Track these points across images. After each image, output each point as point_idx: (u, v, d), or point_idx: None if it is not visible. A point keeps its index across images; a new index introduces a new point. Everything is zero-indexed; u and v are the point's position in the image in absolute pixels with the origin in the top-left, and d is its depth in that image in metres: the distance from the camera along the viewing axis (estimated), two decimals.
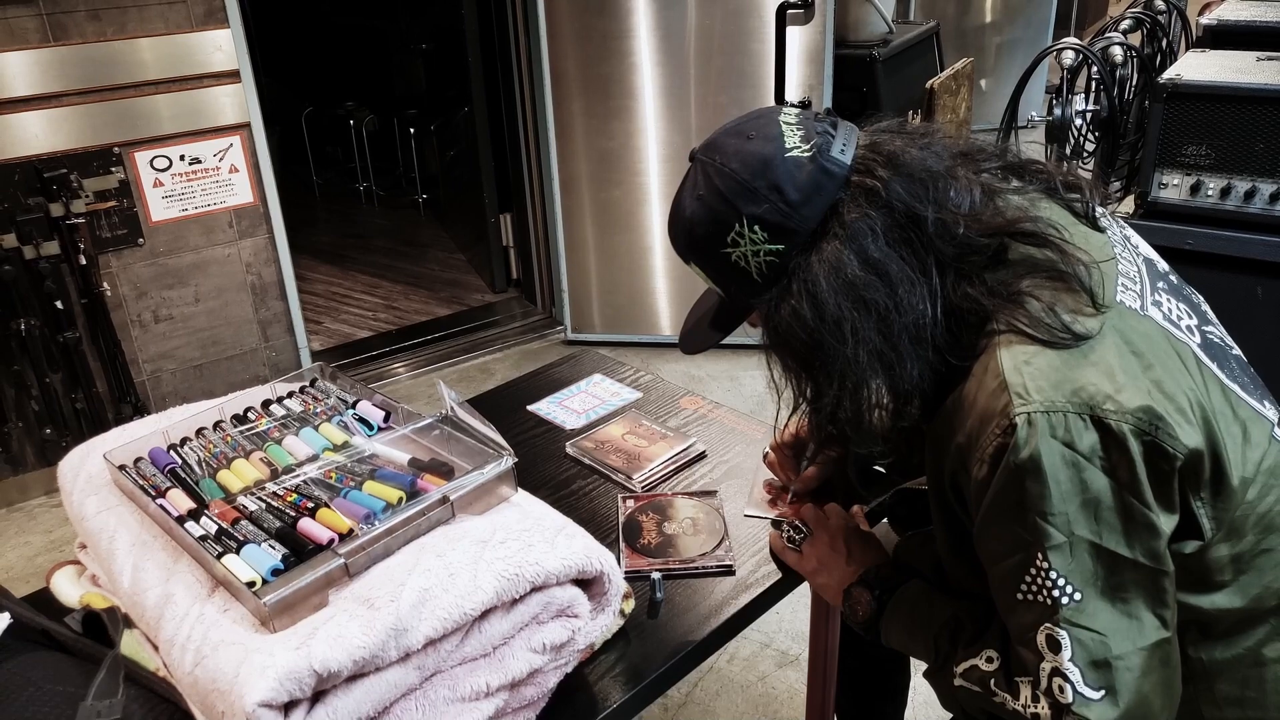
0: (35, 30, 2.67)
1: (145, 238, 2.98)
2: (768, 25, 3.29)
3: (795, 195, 0.99)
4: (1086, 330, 0.96)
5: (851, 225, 0.98)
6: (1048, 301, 0.97)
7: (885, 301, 0.97)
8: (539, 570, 0.99)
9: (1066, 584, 0.93)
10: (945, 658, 1.10)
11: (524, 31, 3.61)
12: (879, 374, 0.99)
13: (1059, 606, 0.93)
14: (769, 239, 1.01)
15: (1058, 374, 0.93)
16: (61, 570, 1.24)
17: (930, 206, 0.99)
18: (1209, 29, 2.62)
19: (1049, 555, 0.93)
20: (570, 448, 1.61)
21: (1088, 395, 0.92)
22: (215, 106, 2.97)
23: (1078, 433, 0.91)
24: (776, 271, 1.02)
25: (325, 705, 0.90)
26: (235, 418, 1.31)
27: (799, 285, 1.00)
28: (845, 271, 0.98)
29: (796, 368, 1.06)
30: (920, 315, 0.98)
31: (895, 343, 0.98)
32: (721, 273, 1.07)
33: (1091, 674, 0.94)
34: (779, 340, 1.04)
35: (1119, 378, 0.94)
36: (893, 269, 0.98)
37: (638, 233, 3.73)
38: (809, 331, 1.00)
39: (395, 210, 5.69)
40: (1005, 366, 0.95)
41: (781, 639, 2.31)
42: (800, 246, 1.01)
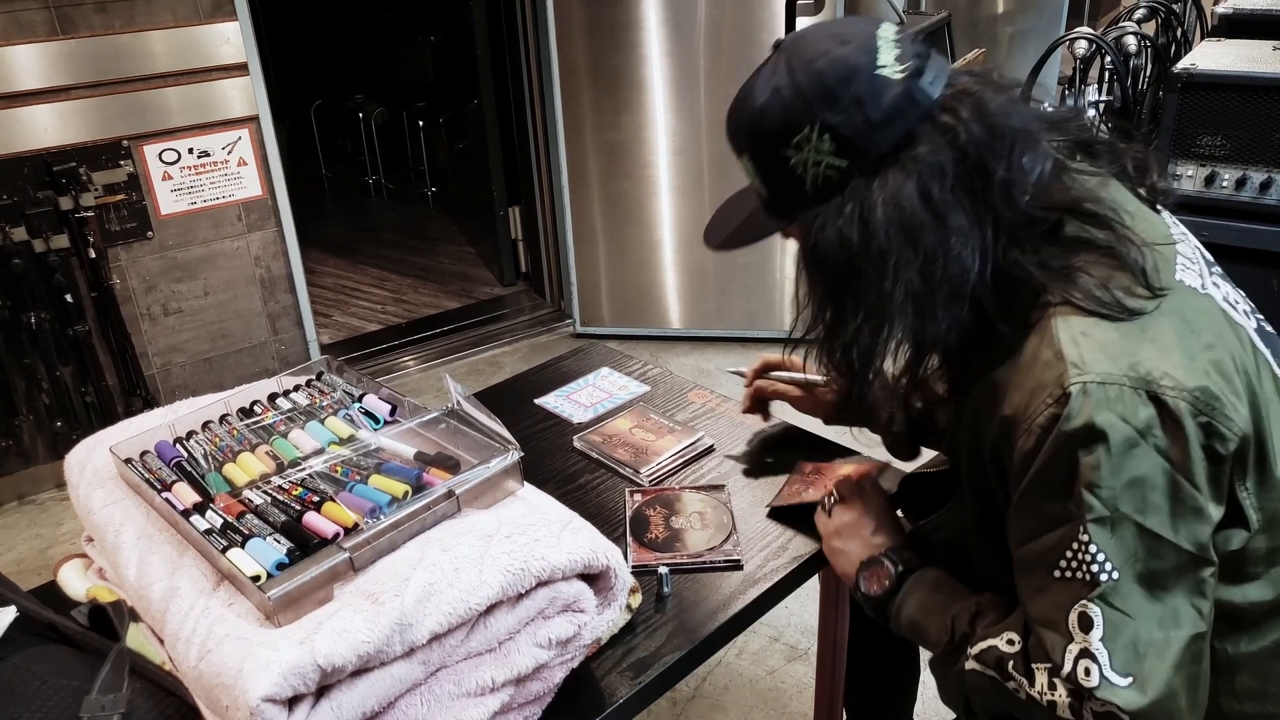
0: (43, 23, 2.67)
1: (154, 231, 2.98)
2: (777, 16, 3.27)
3: (876, 114, 0.95)
4: (1140, 306, 0.94)
5: (922, 160, 0.95)
6: (1101, 278, 0.95)
7: (936, 246, 0.95)
8: (545, 565, 0.98)
9: (1106, 560, 0.90)
10: (962, 639, 1.07)
11: (533, 24, 3.59)
12: (908, 317, 0.97)
13: (1097, 583, 0.91)
14: (835, 152, 0.96)
15: (1116, 347, 0.91)
16: (69, 563, 1.24)
17: (1002, 164, 0.96)
18: (1225, 18, 2.59)
19: (1090, 529, 0.90)
20: (578, 441, 1.60)
21: (1145, 370, 0.90)
22: (224, 99, 2.96)
23: (1133, 407, 0.89)
24: (831, 188, 0.98)
25: (330, 700, 0.90)
26: (241, 411, 1.31)
27: (853, 208, 0.96)
28: (904, 205, 0.94)
29: (824, 289, 1.02)
30: (966, 270, 0.95)
31: (934, 290, 0.96)
32: (774, 174, 1.02)
33: (1120, 657, 0.91)
34: (816, 258, 1.00)
35: (1177, 356, 0.92)
36: (952, 216, 0.95)
37: (647, 226, 3.72)
38: (851, 256, 0.97)
39: (404, 203, 5.69)
40: (1062, 338, 0.93)
41: (791, 633, 2.30)
42: (864, 168, 0.97)
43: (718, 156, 3.56)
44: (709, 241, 1.17)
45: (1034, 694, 0.97)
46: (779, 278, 3.70)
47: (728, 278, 3.74)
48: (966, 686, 1.07)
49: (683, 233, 3.71)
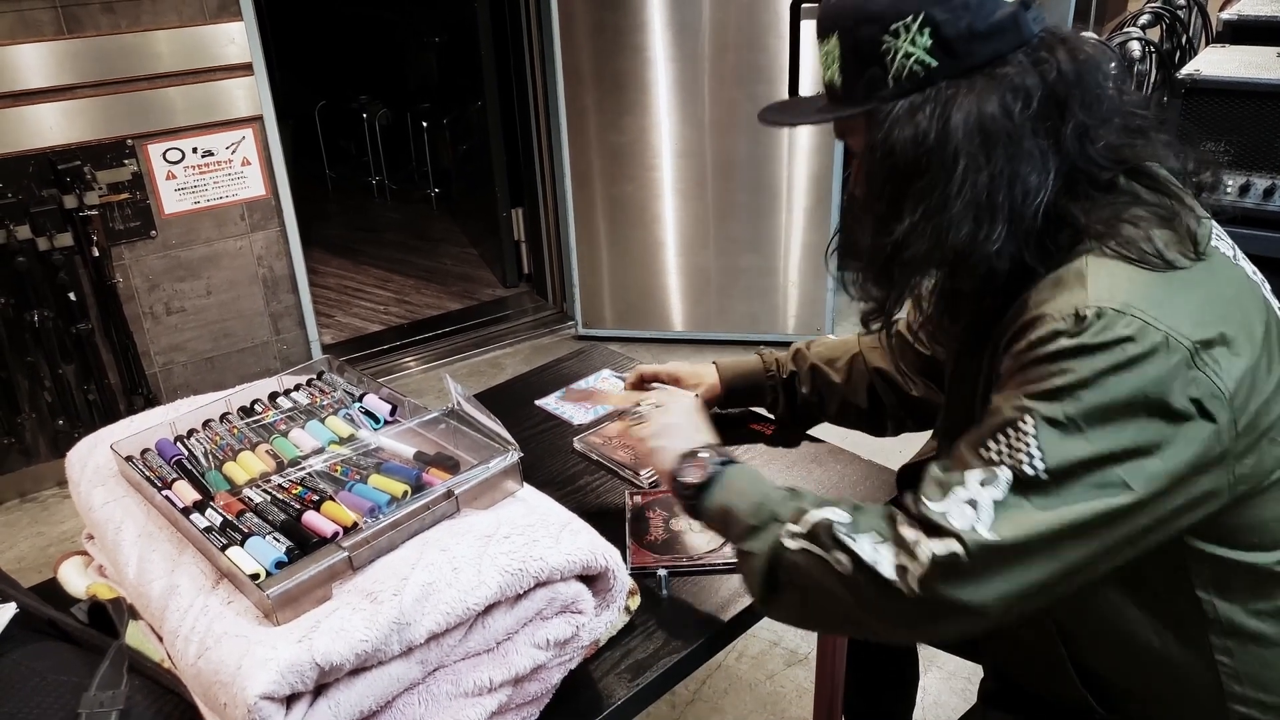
0: (50, 23, 2.67)
1: (157, 230, 2.99)
2: (782, 19, 3.27)
3: (981, 25, 0.96)
4: (1176, 259, 0.95)
5: (1009, 80, 0.96)
6: (1145, 231, 0.96)
7: (1006, 163, 0.96)
8: (543, 565, 0.98)
9: (1041, 458, 0.90)
10: (770, 517, 1.06)
11: (537, 25, 3.60)
12: (965, 225, 0.97)
13: (1019, 466, 0.91)
14: (931, 49, 0.97)
15: (1139, 289, 0.92)
16: (69, 561, 1.24)
17: (1082, 109, 0.98)
18: (1229, 24, 2.59)
19: (1040, 425, 0.90)
20: (578, 443, 1.60)
21: (1157, 313, 0.90)
22: (228, 99, 2.97)
23: (1131, 338, 0.89)
24: (914, 84, 0.98)
25: (328, 699, 0.90)
26: (242, 410, 1.31)
27: (934, 108, 0.97)
28: (985, 115, 0.95)
29: (885, 184, 1.02)
30: (1031, 195, 0.97)
31: (995, 205, 0.96)
32: (860, 57, 1.01)
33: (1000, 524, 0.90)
34: (885, 150, 1.00)
35: (1193, 308, 0.92)
36: (1026, 141, 0.96)
37: (650, 228, 3.72)
38: (923, 152, 0.97)
39: (407, 204, 5.70)
40: (1089, 272, 0.95)
41: (791, 637, 2.30)
42: (950, 73, 0.98)
43: (721, 159, 3.56)
44: (762, 117, 1.18)
45: (860, 553, 0.95)
46: (781, 281, 3.71)
47: (730, 280, 3.74)
48: (777, 568, 1.04)
49: (686, 235, 3.71)
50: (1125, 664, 1.07)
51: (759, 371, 1.56)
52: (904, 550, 0.94)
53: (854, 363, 1.49)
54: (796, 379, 1.53)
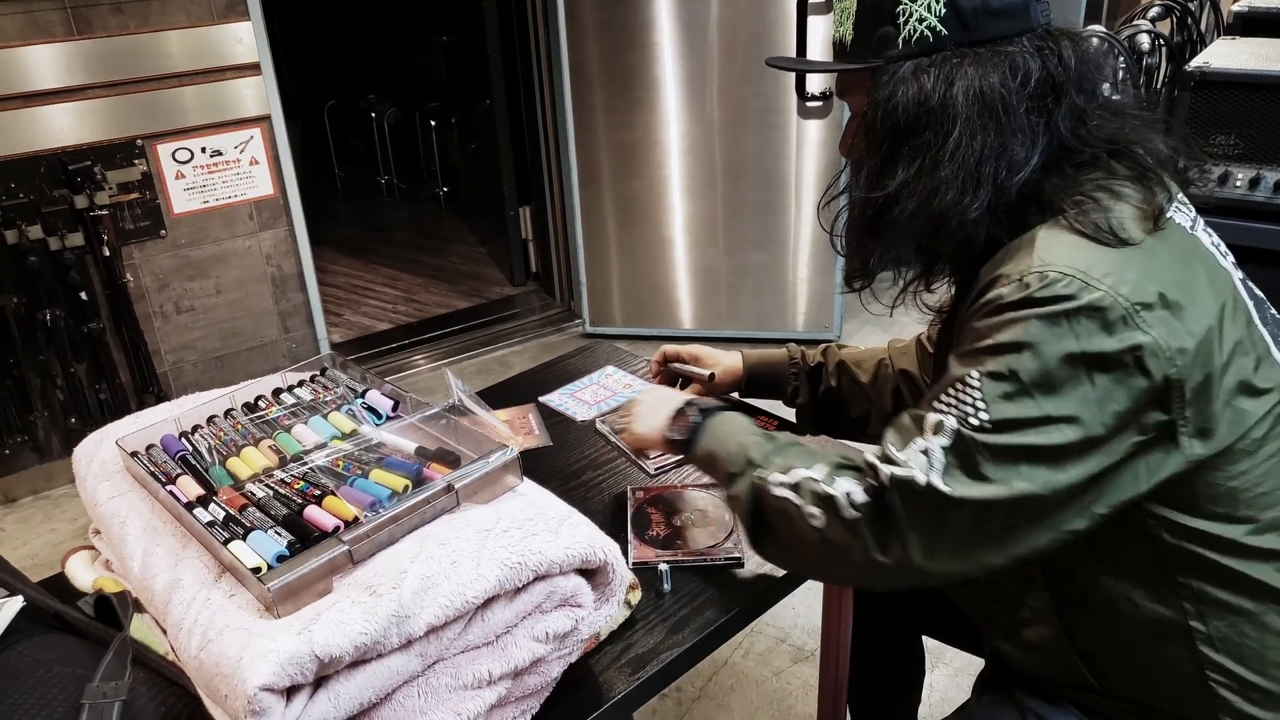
0: (60, 24, 2.69)
1: (167, 229, 3.01)
2: (789, 16, 3.27)
3: (996, 4, 1.01)
4: (1130, 236, 0.97)
5: (1012, 58, 1.01)
6: (1105, 206, 1.00)
7: (998, 136, 1.00)
8: (542, 559, 0.99)
9: (985, 410, 0.95)
10: (748, 464, 1.14)
11: (544, 24, 3.61)
12: (952, 189, 1.01)
13: (965, 416, 0.95)
14: (944, 18, 1.02)
15: (1083, 255, 0.96)
16: (76, 555, 1.26)
17: (1078, 93, 1.02)
18: (1239, 16, 2.57)
19: (984, 378, 0.95)
20: (601, 424, 1.64)
21: (1099, 274, 0.94)
22: (236, 99, 2.99)
23: (1070, 297, 0.93)
24: (922, 48, 1.03)
25: (328, 690, 0.90)
26: (246, 406, 1.32)
27: (940, 72, 1.01)
28: (986, 87, 1.00)
29: (882, 140, 1.06)
30: (1017, 169, 1.01)
31: (982, 174, 1.00)
32: (875, 14, 1.06)
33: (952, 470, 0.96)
34: (887, 107, 1.04)
35: (1135, 273, 0.95)
36: (1019, 117, 1.01)
37: (658, 226, 3.72)
38: (924, 114, 1.01)
39: (416, 203, 5.72)
40: (1039, 242, 0.98)
41: (797, 634, 2.30)
42: (958, 43, 1.02)
43: (729, 157, 3.56)
44: (770, 61, 1.23)
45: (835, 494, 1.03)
46: (790, 278, 3.70)
47: (738, 278, 3.74)
48: (762, 511, 1.12)
49: (694, 233, 3.71)
50: (1116, 641, 1.08)
51: (783, 361, 1.58)
52: (868, 474, 1.02)
53: (880, 366, 1.50)
54: (823, 371, 1.54)
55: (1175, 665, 1.04)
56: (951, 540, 0.98)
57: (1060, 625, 1.11)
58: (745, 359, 1.60)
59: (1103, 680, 1.11)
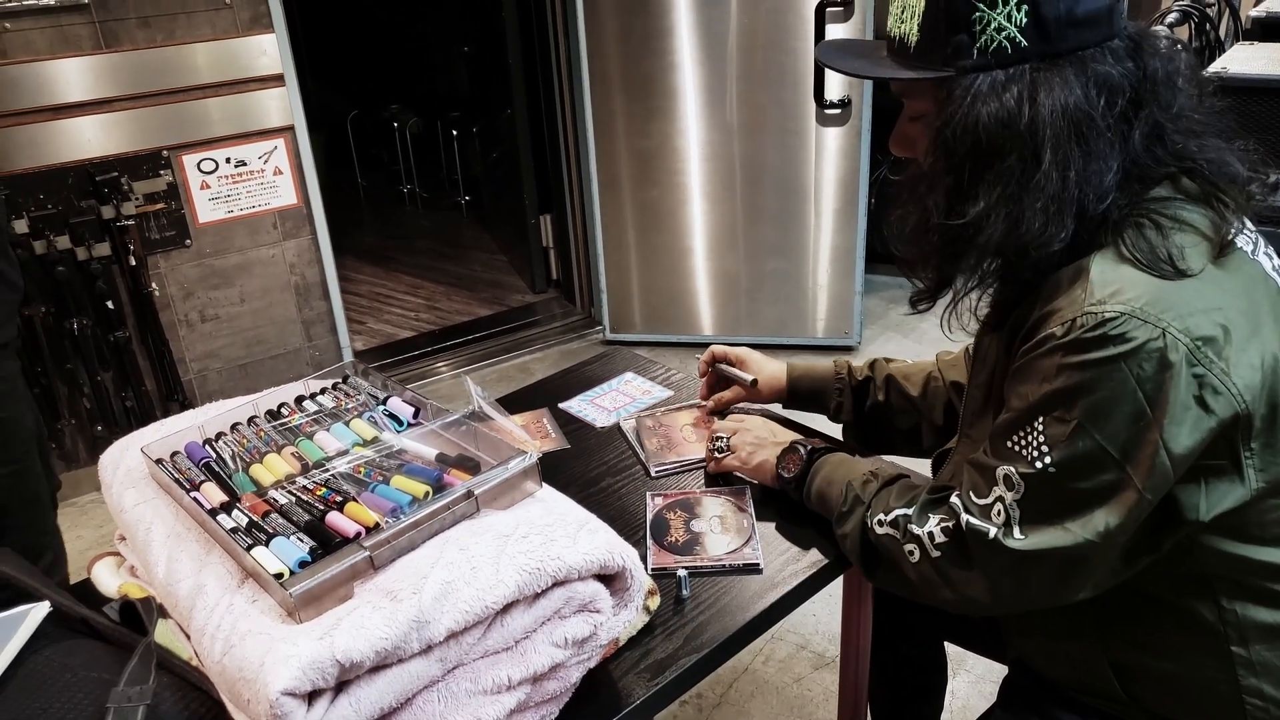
0: (89, 37, 2.74)
1: (192, 239, 3.04)
2: (807, 23, 3.27)
3: (1079, 11, 0.94)
4: (1188, 267, 0.94)
5: (1098, 73, 0.96)
6: (1164, 231, 0.96)
7: (1085, 160, 0.95)
8: (561, 565, 0.99)
9: (1050, 453, 0.95)
10: (852, 505, 1.20)
11: (564, 33, 3.63)
12: (1039, 218, 0.95)
13: (1033, 466, 0.96)
14: (1025, 28, 0.95)
15: (1139, 287, 0.93)
16: (102, 561, 1.27)
17: (1159, 109, 0.98)
18: (1258, 21, 2.56)
19: (1048, 422, 0.95)
20: (626, 422, 1.67)
21: (1158, 310, 0.91)
22: (260, 110, 3.02)
23: (1130, 335, 0.90)
24: (1001, 59, 0.96)
25: (349, 695, 0.91)
26: (269, 413, 1.34)
27: (1022, 89, 0.95)
28: (1073, 107, 0.94)
29: (966, 160, 0.99)
30: (1104, 195, 0.96)
31: (1070, 201, 0.95)
32: (949, 20, 0.98)
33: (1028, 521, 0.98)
34: (965, 126, 0.97)
35: (1196, 306, 0.92)
36: (1103, 139, 0.96)
37: (677, 233, 3.73)
38: (1011, 135, 0.95)
39: (438, 212, 5.76)
40: (1093, 271, 0.95)
41: (818, 641, 2.30)
42: (1039, 55, 0.96)
43: (748, 163, 3.56)
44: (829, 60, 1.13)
45: (922, 535, 1.08)
46: (810, 284, 3.70)
47: (757, 284, 3.74)
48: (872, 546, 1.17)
49: (713, 239, 3.72)
50: (1152, 657, 1.07)
51: (828, 375, 1.54)
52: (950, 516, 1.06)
53: (929, 379, 1.47)
54: (871, 385, 1.51)
55: (1211, 686, 1.03)
56: (1026, 585, 1.01)
57: (1097, 637, 1.10)
58: (790, 371, 1.57)
59: (1132, 693, 1.10)
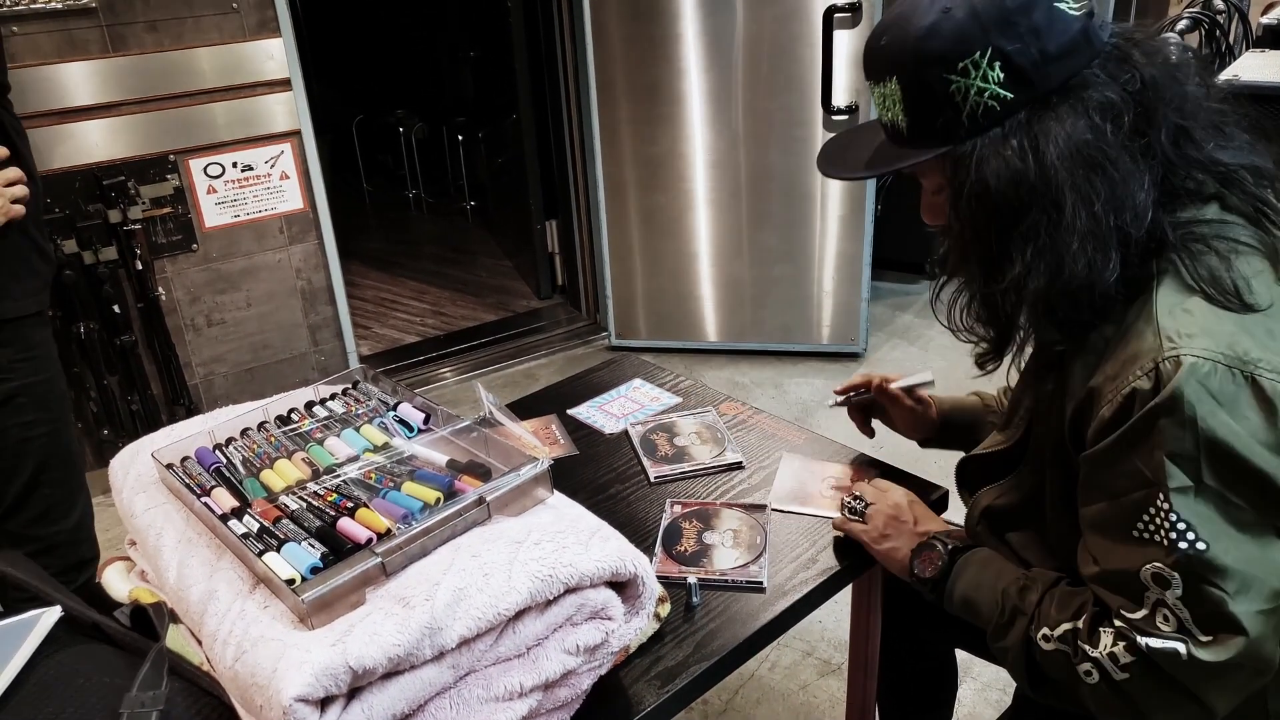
0: (96, 41, 2.74)
1: (199, 243, 3.05)
2: (815, 29, 3.27)
3: (1052, 47, 0.92)
4: (1255, 301, 0.92)
5: (1093, 100, 0.93)
6: (1226, 259, 0.93)
7: (1110, 188, 0.92)
8: (573, 571, 0.99)
9: (1189, 530, 0.89)
10: (1012, 617, 1.08)
11: (571, 39, 3.63)
12: (1082, 258, 0.92)
13: (1176, 549, 0.90)
14: (1004, 82, 0.93)
15: (1215, 325, 0.90)
16: (112, 566, 1.27)
17: (1173, 111, 0.94)
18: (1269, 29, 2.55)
19: (1173, 497, 0.89)
20: (634, 428, 1.66)
21: (1242, 351, 0.89)
22: (267, 114, 3.03)
23: (1224, 382, 0.88)
24: (991, 119, 0.94)
25: (361, 702, 0.91)
26: (279, 418, 1.33)
27: (1021, 141, 0.93)
28: (1079, 142, 0.91)
29: (984, 228, 0.97)
30: (1141, 214, 0.92)
31: (1108, 233, 0.92)
32: (928, 100, 0.97)
33: (1202, 618, 0.91)
34: (978, 192, 0.95)
35: (1277, 342, 0.90)
36: (1124, 159, 0.92)
37: (683, 239, 3.73)
38: (1024, 192, 0.93)
39: (444, 217, 5.76)
40: (1160, 309, 0.92)
41: (824, 648, 2.29)
42: (1028, 102, 0.93)
43: (755, 169, 3.56)
44: (827, 168, 1.12)
45: (1100, 657, 0.97)
46: (815, 290, 3.70)
47: (763, 291, 3.73)
48: (1046, 664, 1.06)
49: (719, 246, 3.72)
50: None
51: (978, 407, 1.46)
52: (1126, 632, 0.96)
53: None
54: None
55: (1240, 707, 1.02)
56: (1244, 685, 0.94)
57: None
58: (938, 404, 1.47)
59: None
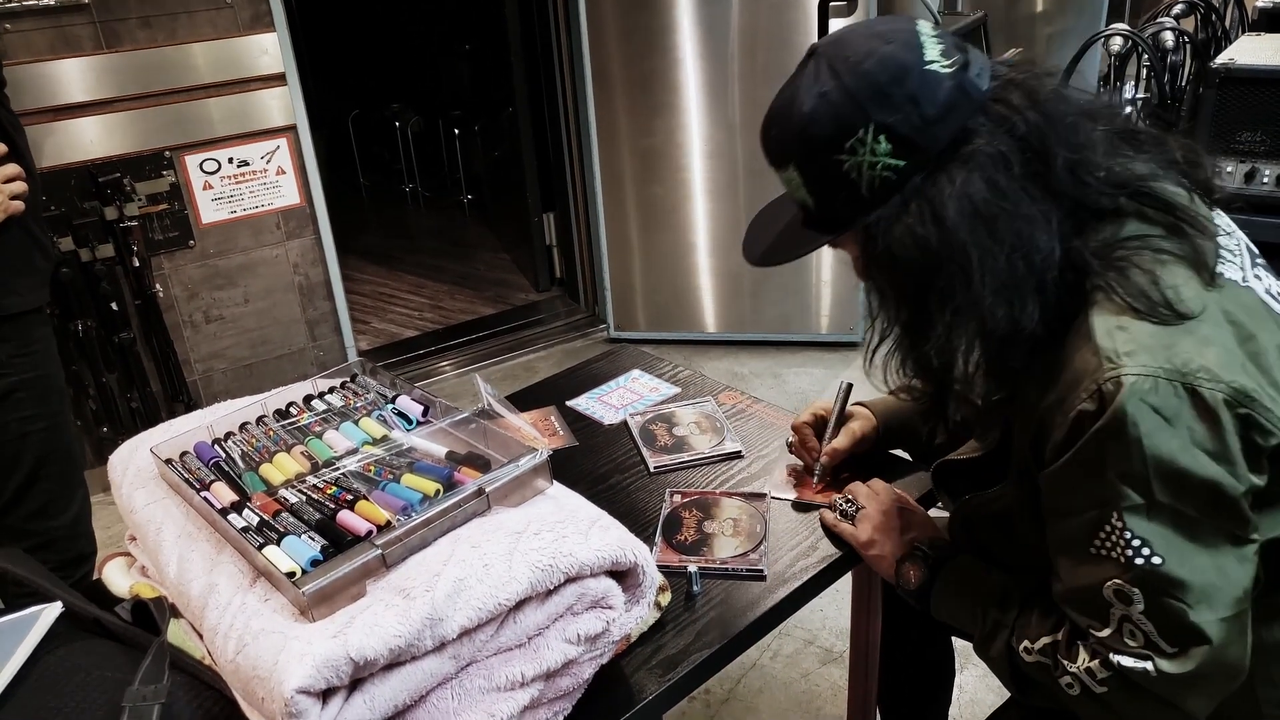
0: (89, 38, 2.74)
1: (195, 239, 3.04)
2: (810, 19, 3.27)
3: (931, 110, 0.94)
4: (1188, 310, 0.93)
5: (983, 152, 0.94)
6: (1152, 273, 0.94)
7: (1016, 235, 0.94)
8: (573, 561, 0.99)
9: (1144, 545, 0.91)
10: (993, 629, 1.10)
11: (566, 31, 3.62)
12: (1000, 308, 0.95)
13: (1132, 566, 0.92)
14: (892, 153, 0.95)
15: (1151, 339, 0.91)
16: (113, 561, 1.27)
17: (1063, 146, 0.95)
18: (1265, 12, 2.55)
19: (1125, 516, 0.91)
20: (633, 419, 1.65)
21: (1181, 362, 0.90)
22: (262, 109, 3.02)
23: (1166, 397, 0.89)
24: (889, 189, 0.97)
25: (363, 693, 0.91)
26: (278, 412, 1.33)
27: (919, 206, 0.95)
28: (975, 198, 0.93)
29: (903, 294, 1.00)
30: (1048, 255, 0.94)
31: (1020, 280, 0.94)
32: (825, 182, 1.00)
33: (1167, 631, 0.93)
34: (887, 263, 0.98)
35: (1215, 349, 0.91)
36: (1023, 204, 0.94)
37: (681, 230, 3.73)
38: (929, 256, 0.95)
39: (441, 211, 5.76)
40: (1097, 330, 0.93)
41: (825, 636, 2.29)
42: (922, 166, 0.96)
43: (751, 160, 3.56)
44: (750, 257, 1.15)
45: (1078, 672, 0.99)
46: (813, 280, 3.69)
47: (762, 281, 3.73)
48: (1031, 674, 1.07)
49: (716, 236, 3.71)
50: None
51: (907, 406, 1.44)
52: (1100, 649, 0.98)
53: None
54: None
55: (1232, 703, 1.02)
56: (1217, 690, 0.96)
57: None
58: (874, 412, 1.47)
59: None
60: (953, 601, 1.18)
